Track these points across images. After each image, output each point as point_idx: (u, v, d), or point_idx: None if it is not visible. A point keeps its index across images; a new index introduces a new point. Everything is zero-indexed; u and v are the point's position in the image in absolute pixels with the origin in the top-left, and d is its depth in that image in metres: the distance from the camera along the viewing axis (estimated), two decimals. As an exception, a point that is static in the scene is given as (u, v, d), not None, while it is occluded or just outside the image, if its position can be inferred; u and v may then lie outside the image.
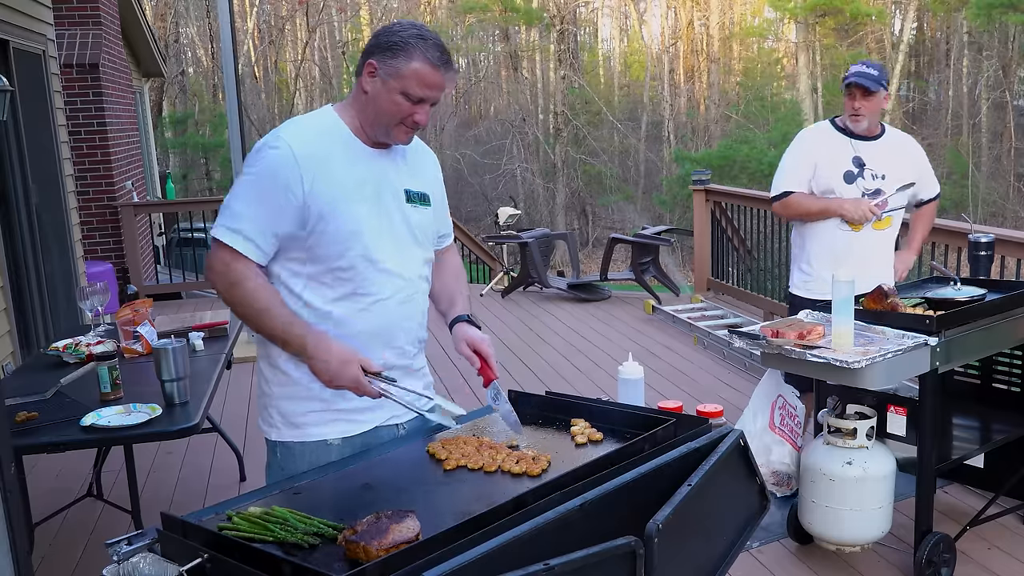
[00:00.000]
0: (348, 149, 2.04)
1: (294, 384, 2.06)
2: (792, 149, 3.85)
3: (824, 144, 3.77)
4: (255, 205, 1.96)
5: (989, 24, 22.05)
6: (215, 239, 1.97)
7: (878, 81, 3.62)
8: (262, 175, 1.97)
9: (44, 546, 3.68)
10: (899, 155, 3.77)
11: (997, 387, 3.61)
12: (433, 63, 1.97)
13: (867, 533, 3.09)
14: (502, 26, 26.93)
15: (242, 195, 1.98)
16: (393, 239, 2.06)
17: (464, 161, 25.55)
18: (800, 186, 3.76)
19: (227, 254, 1.96)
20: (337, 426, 2.07)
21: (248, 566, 1.38)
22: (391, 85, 1.97)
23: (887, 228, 3.75)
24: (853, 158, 3.71)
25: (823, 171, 3.72)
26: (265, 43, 28.44)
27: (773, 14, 26.72)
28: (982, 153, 22.58)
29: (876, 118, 3.73)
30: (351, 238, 1.99)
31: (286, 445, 2.09)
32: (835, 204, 3.68)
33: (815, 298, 3.68)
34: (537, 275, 8.60)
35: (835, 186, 3.70)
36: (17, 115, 5.72)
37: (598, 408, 2.07)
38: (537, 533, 1.44)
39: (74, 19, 8.99)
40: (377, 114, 2.01)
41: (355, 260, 2.00)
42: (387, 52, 1.97)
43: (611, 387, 5.02)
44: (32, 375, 3.28)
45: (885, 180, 3.70)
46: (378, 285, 2.04)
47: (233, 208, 1.97)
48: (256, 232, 1.95)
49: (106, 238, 9.02)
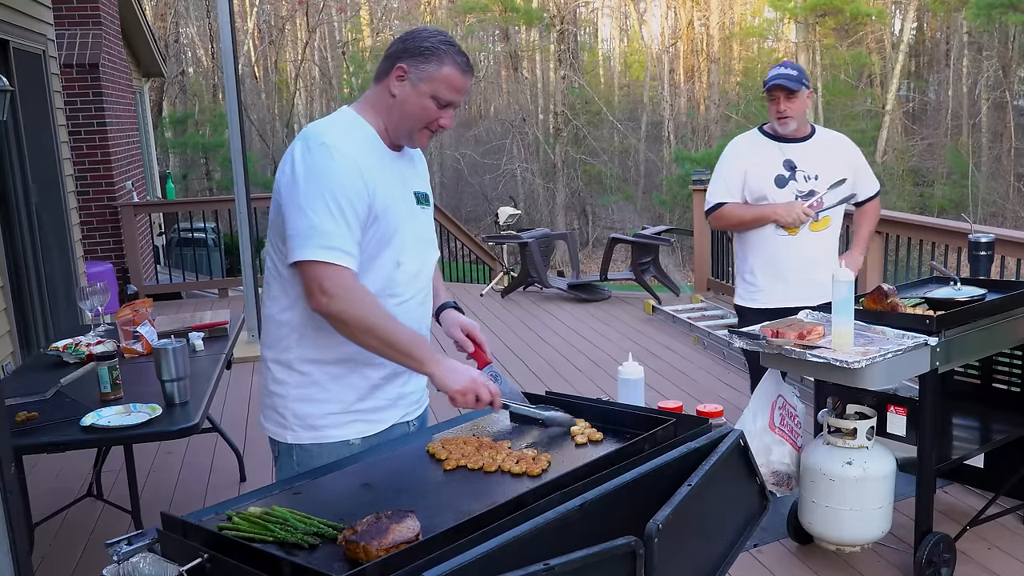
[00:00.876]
0: (380, 151, 2.06)
1: (312, 386, 2.06)
2: (722, 159, 3.80)
3: (753, 151, 3.73)
4: (337, 217, 1.92)
5: (989, 24, 22.05)
6: (312, 262, 1.91)
7: (799, 80, 3.59)
8: (333, 186, 1.93)
9: (44, 546, 3.68)
10: (831, 154, 3.72)
11: (997, 387, 3.61)
12: (461, 68, 2.02)
13: (867, 533, 3.09)
14: (502, 26, 26.93)
15: (319, 210, 1.92)
16: (414, 241, 2.10)
17: (464, 161, 25.55)
18: (732, 196, 3.72)
19: (335, 273, 1.91)
20: (356, 426, 2.09)
21: (248, 566, 1.38)
22: (422, 89, 2.00)
23: (825, 229, 3.69)
24: (784, 161, 3.67)
25: (753, 178, 3.68)
26: (265, 43, 28.44)
27: (773, 14, 26.71)
28: (982, 153, 22.58)
29: (803, 118, 3.68)
30: (393, 239, 2.03)
31: (304, 448, 2.08)
32: (768, 210, 3.63)
33: (761, 307, 3.68)
34: (537, 275, 8.60)
35: (767, 192, 3.66)
36: (17, 115, 5.72)
37: (598, 408, 2.07)
38: (537, 533, 1.44)
39: (74, 19, 8.99)
40: (403, 117, 2.03)
41: (388, 261, 2.03)
42: (418, 57, 2.00)
43: (611, 387, 5.02)
44: (32, 375, 3.28)
45: (818, 180, 3.66)
46: (403, 286, 2.08)
47: (316, 226, 1.91)
48: (348, 244, 1.94)
49: (106, 238, 9.03)
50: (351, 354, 2.02)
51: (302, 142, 1.99)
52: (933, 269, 3.89)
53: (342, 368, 2.06)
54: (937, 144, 24.21)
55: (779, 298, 3.66)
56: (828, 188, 3.63)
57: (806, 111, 3.69)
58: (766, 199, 3.66)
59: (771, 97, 3.64)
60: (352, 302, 1.92)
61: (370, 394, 2.09)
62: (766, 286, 3.71)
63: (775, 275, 3.69)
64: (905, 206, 20.91)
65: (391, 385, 2.11)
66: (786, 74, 3.60)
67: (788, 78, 3.59)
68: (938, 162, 24.03)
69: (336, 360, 2.05)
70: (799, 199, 3.63)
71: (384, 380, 2.10)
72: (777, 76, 3.61)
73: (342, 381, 2.06)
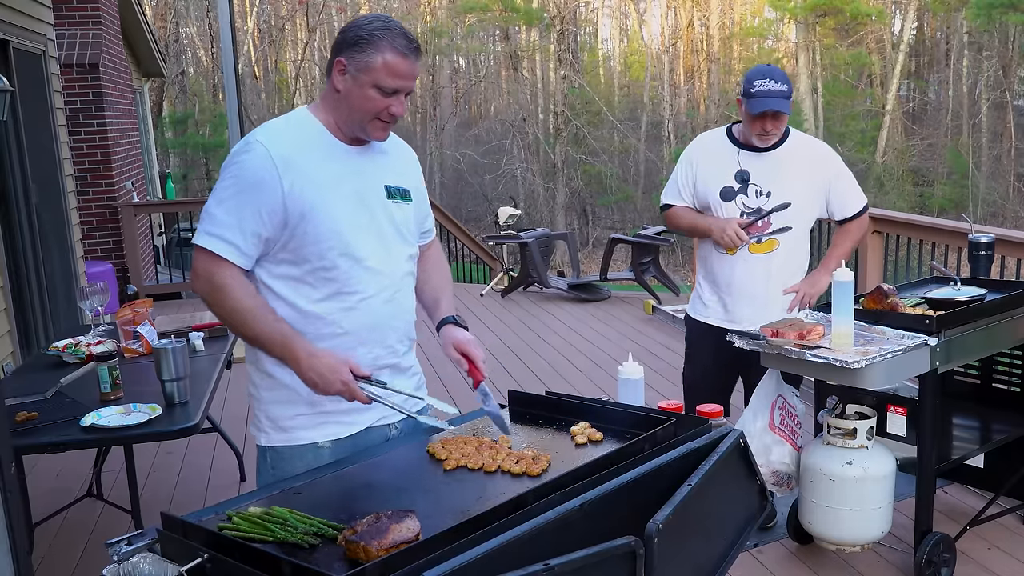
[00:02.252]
0: (325, 148, 2.02)
1: (281, 388, 2.04)
2: (682, 156, 3.50)
3: (709, 156, 3.39)
4: (235, 209, 1.94)
5: (989, 24, 22.05)
6: (197, 246, 1.96)
7: (789, 97, 3.18)
8: (240, 179, 1.95)
9: (44, 546, 3.68)
10: (796, 168, 3.29)
11: (997, 387, 3.61)
12: (402, 52, 1.94)
13: (867, 533, 3.09)
14: (502, 26, 26.92)
15: (222, 200, 1.95)
16: (376, 236, 2.05)
17: (464, 161, 25.54)
18: (680, 199, 3.45)
19: (210, 260, 1.94)
20: (326, 428, 2.06)
21: (248, 566, 1.38)
22: (362, 80, 1.95)
23: (771, 252, 3.31)
24: (737, 173, 3.31)
25: (702, 186, 3.38)
26: (265, 43, 28.44)
27: (773, 14, 26.70)
28: (982, 153, 22.57)
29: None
30: (332, 237, 1.97)
31: (276, 450, 2.08)
32: (703, 224, 3.35)
33: (704, 321, 3.47)
34: (537, 275, 8.60)
35: (711, 202, 3.36)
36: (17, 115, 5.72)
37: (598, 408, 2.07)
38: (537, 533, 1.43)
39: (74, 19, 8.99)
40: (351, 111, 1.99)
41: (337, 259, 1.99)
42: (355, 47, 1.95)
43: (611, 387, 5.02)
44: (32, 375, 3.28)
45: (770, 198, 3.28)
46: (363, 283, 2.02)
47: (213, 214, 1.95)
48: (238, 236, 1.94)
49: (106, 238, 9.02)
50: None
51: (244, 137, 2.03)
52: (933, 269, 3.88)
53: None
54: (937, 144, 24.21)
55: (718, 316, 3.43)
56: (771, 209, 3.27)
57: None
58: (710, 211, 3.37)
59: (759, 116, 3.20)
60: (215, 290, 1.94)
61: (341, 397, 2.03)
62: (708, 301, 3.48)
63: (715, 292, 3.44)
64: (905, 206, 20.92)
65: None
66: (777, 91, 3.16)
67: (779, 98, 3.16)
68: (938, 162, 24.03)
69: None
70: (744, 216, 3.30)
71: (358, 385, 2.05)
72: (769, 95, 3.15)
73: None
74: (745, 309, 3.36)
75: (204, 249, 1.95)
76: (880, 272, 5.71)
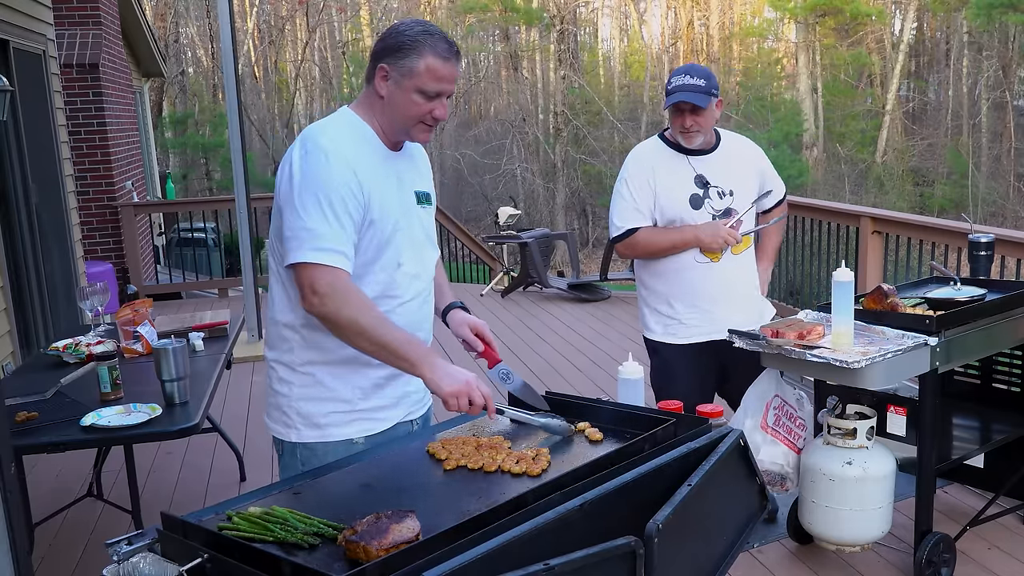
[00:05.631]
0: (376, 153, 2.05)
1: (316, 385, 2.07)
2: (627, 176, 3.30)
3: (661, 167, 3.26)
4: (330, 218, 1.92)
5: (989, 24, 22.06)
6: (304, 264, 1.92)
7: (707, 92, 3.13)
8: (326, 187, 1.93)
9: (44, 546, 3.68)
10: (741, 164, 3.33)
11: (997, 387, 3.61)
12: (443, 56, 1.98)
13: (867, 533, 3.09)
14: (502, 26, 26.93)
15: (313, 212, 1.92)
16: (413, 241, 2.09)
17: (464, 161, 25.54)
18: (644, 220, 3.26)
19: (327, 274, 1.91)
20: (359, 425, 2.09)
21: (248, 566, 1.38)
22: (406, 85, 1.98)
23: (746, 250, 3.34)
24: (695, 178, 3.25)
25: (664, 199, 3.24)
26: (265, 43, 28.44)
27: (773, 14, 26.72)
28: (982, 153, 22.58)
29: (711, 129, 3.26)
30: (389, 241, 2.02)
31: (308, 446, 2.09)
32: (689, 234, 3.21)
33: (684, 343, 3.32)
34: (537, 275, 8.60)
35: (681, 214, 3.24)
36: (17, 115, 5.72)
37: (598, 408, 2.07)
38: (537, 533, 1.43)
39: (74, 19, 8.99)
40: (395, 116, 2.02)
41: (387, 263, 2.03)
42: (397, 53, 1.98)
43: (611, 387, 5.02)
44: (32, 375, 3.28)
45: (734, 197, 3.28)
46: (403, 287, 2.07)
47: (310, 228, 1.92)
48: (343, 245, 1.93)
49: (106, 238, 9.03)
50: (353, 354, 2.01)
51: (300, 144, 2.00)
52: (933, 269, 3.88)
53: (345, 367, 2.06)
54: (937, 144, 24.21)
55: (705, 330, 3.30)
56: (751, 204, 3.32)
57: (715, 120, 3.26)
58: (680, 222, 3.25)
59: (676, 111, 3.18)
60: (343, 303, 1.92)
61: (373, 393, 2.09)
62: (688, 319, 3.31)
63: (697, 306, 3.29)
64: (905, 206, 20.92)
65: (394, 384, 2.11)
66: (692, 85, 3.11)
67: (695, 91, 3.11)
68: (938, 162, 24.03)
69: (339, 360, 2.05)
70: (716, 220, 3.26)
71: (387, 379, 2.10)
72: (681, 89, 3.12)
73: (345, 380, 2.07)
74: (735, 314, 3.27)
75: (317, 265, 1.91)
76: (880, 272, 5.71)
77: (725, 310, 3.29)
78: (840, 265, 2.92)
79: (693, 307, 3.30)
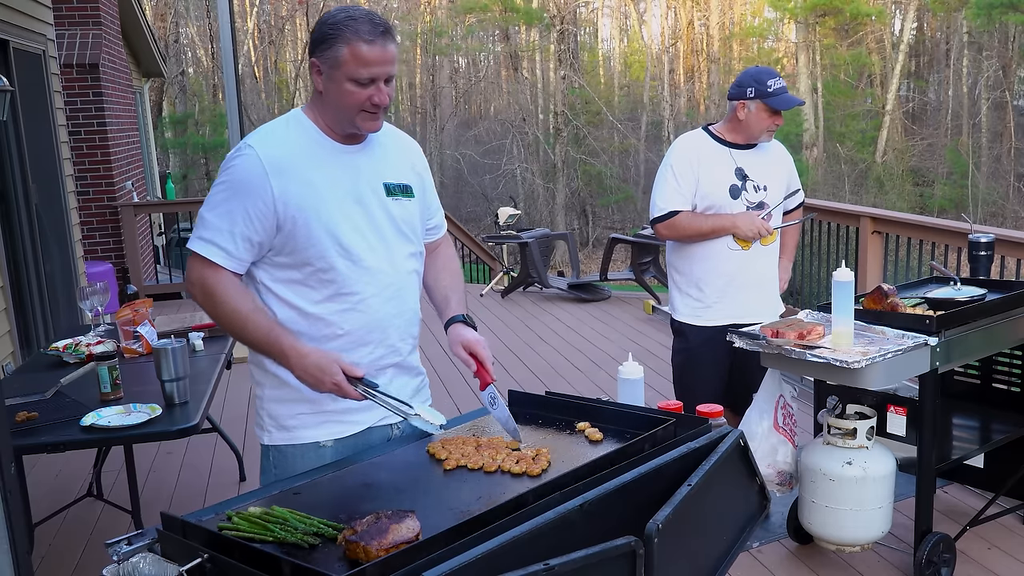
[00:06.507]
0: (318, 149, 2.01)
1: (283, 387, 2.04)
2: (672, 162, 3.49)
3: (705, 156, 3.47)
4: (226, 214, 1.95)
5: (989, 24, 22.08)
6: (191, 251, 1.97)
7: None
8: (231, 184, 1.96)
9: (44, 546, 3.68)
10: (776, 163, 3.57)
11: (997, 387, 3.61)
12: (367, 38, 1.91)
13: (867, 533, 3.09)
14: (502, 26, 26.93)
15: (213, 205, 1.97)
16: (375, 235, 2.03)
17: (464, 161, 25.55)
18: (685, 204, 3.45)
19: (203, 265, 1.96)
20: (328, 427, 2.06)
21: (248, 566, 1.38)
22: (336, 76, 1.94)
23: (773, 243, 3.53)
24: (736, 170, 3.46)
25: (706, 186, 3.44)
26: (265, 43, 28.44)
27: (773, 14, 26.72)
28: (982, 153, 22.59)
29: None
30: (327, 238, 1.97)
31: (278, 449, 2.08)
32: (727, 221, 3.41)
33: (708, 324, 3.50)
34: (537, 275, 8.60)
35: (720, 202, 3.44)
36: (17, 115, 5.72)
37: (598, 408, 2.07)
38: (537, 533, 1.43)
39: (74, 19, 8.98)
40: (335, 109, 1.98)
41: (335, 260, 1.98)
42: (322, 45, 1.95)
43: (611, 387, 5.02)
44: (32, 375, 3.28)
45: (767, 192, 3.49)
46: (362, 283, 2.01)
47: (205, 219, 1.97)
48: (229, 241, 1.94)
49: (106, 238, 9.02)
50: None
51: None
52: (933, 269, 3.88)
53: None
54: (937, 144, 24.22)
55: (728, 314, 3.47)
56: (784, 198, 3.55)
57: None
58: (718, 209, 3.45)
59: (773, 111, 3.44)
60: (209, 295, 1.95)
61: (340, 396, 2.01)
62: (715, 302, 3.49)
63: (725, 291, 3.49)
64: (905, 206, 20.93)
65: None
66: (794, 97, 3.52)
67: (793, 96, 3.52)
68: (938, 162, 24.04)
69: None
70: (750, 211, 3.46)
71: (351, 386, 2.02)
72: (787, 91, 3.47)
73: None
74: (757, 300, 3.50)
75: (197, 254, 1.97)
76: (880, 272, 5.71)
77: (749, 296, 3.50)
78: (840, 265, 2.92)
79: (721, 291, 3.49)
